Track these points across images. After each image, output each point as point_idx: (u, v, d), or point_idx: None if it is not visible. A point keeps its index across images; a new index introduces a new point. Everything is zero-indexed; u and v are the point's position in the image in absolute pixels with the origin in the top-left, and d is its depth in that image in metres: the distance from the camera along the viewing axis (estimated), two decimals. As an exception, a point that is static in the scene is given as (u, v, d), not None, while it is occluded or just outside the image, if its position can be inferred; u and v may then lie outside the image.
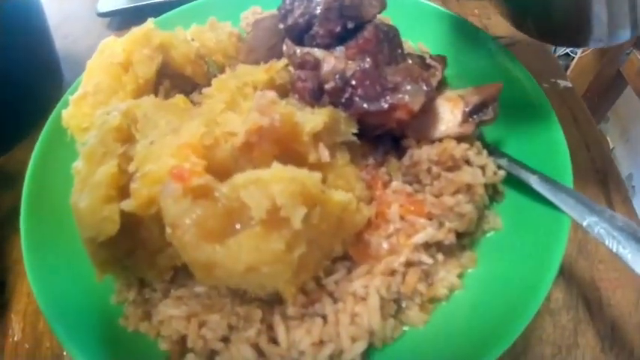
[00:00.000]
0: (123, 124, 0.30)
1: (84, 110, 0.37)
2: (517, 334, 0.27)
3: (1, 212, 0.46)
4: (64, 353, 0.37)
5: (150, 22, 0.38)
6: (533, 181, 0.32)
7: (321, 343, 0.27)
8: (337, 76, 0.28)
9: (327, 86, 0.28)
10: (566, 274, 0.38)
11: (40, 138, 0.40)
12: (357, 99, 0.28)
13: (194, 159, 0.24)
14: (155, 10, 0.56)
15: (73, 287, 0.33)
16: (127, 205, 0.25)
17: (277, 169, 0.22)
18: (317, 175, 0.23)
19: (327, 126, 0.28)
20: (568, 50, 1.41)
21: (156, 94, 0.37)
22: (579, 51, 1.30)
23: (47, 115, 0.51)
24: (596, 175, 0.44)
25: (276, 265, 0.23)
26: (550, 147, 0.34)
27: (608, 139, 1.25)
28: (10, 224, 0.45)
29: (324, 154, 0.27)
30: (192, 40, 0.40)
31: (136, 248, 0.30)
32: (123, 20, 0.61)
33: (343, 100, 0.29)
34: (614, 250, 0.28)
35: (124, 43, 0.37)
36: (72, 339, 0.29)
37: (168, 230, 0.25)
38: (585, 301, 0.37)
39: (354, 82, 0.29)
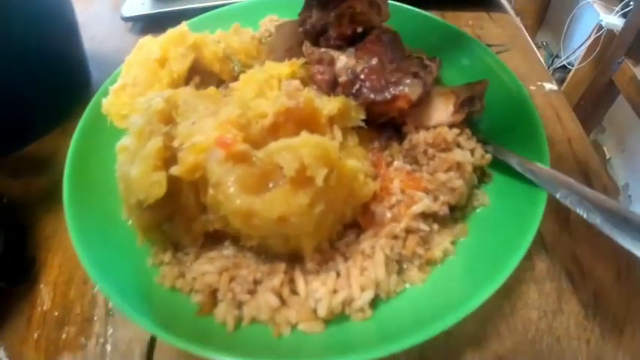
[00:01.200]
0: (166, 108, 0.37)
1: (123, 99, 0.44)
2: (499, 284, 0.33)
3: (32, 195, 0.53)
4: (95, 318, 0.42)
5: (184, 25, 0.46)
6: (515, 163, 0.39)
7: (335, 291, 0.33)
8: (349, 72, 0.36)
9: (340, 79, 0.36)
10: (550, 250, 0.44)
11: (81, 122, 0.47)
12: (365, 90, 0.36)
13: (234, 131, 0.31)
14: (177, 17, 0.64)
15: (113, 253, 0.39)
16: (176, 169, 0.32)
17: (305, 136, 0.30)
18: (335, 143, 0.30)
19: (340, 111, 0.36)
20: (565, 62, 1.52)
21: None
22: (576, 63, 1.41)
23: (76, 107, 0.59)
24: (578, 166, 0.52)
25: (301, 217, 0.30)
26: (530, 135, 0.42)
27: (605, 149, 1.34)
28: (41, 205, 0.51)
29: (338, 135, 0.35)
30: (219, 42, 0.48)
31: (174, 215, 0.37)
32: (145, 24, 0.69)
33: (354, 91, 0.37)
34: (585, 216, 0.35)
35: (161, 42, 0.45)
36: (118, 294, 0.35)
37: (210, 191, 0.32)
38: (568, 273, 0.43)
39: (362, 77, 0.37)
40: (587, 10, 1.48)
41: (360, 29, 0.40)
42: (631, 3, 1.31)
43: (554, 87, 0.58)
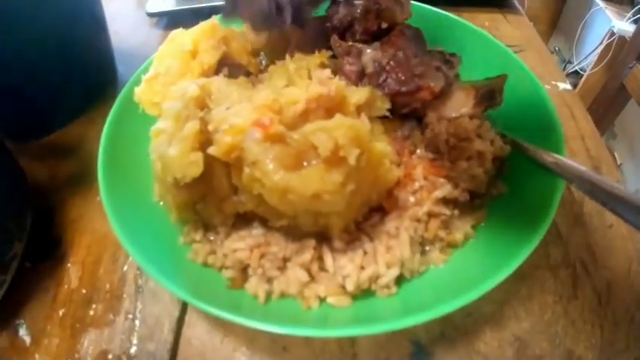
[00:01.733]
0: (201, 95, 0.41)
1: (155, 88, 0.48)
2: (513, 268, 0.36)
3: (59, 178, 0.56)
4: (124, 295, 0.45)
5: (214, 18, 0.50)
6: (532, 153, 0.42)
7: (362, 268, 0.36)
8: (375, 64, 0.39)
9: (367, 71, 0.39)
10: (564, 240, 0.47)
11: (114, 108, 0.49)
12: (390, 81, 0.39)
13: (270, 114, 0.35)
14: (200, 13, 0.68)
15: (147, 231, 0.42)
16: (213, 150, 0.36)
17: (339, 118, 0.33)
18: (367, 126, 0.34)
19: (368, 101, 0.39)
20: (577, 68, 1.56)
21: (216, 78, 0.48)
22: (588, 69, 1.44)
23: (102, 97, 0.62)
24: (591, 162, 0.55)
25: (334, 195, 0.32)
26: (547, 127, 0.45)
27: (616, 155, 1.37)
28: (67, 189, 0.54)
29: (366, 122, 0.38)
30: (246, 36, 0.52)
31: (207, 195, 0.40)
32: (169, 20, 0.73)
33: (380, 82, 0.40)
34: (600, 204, 0.37)
35: (193, 34, 0.48)
36: (153, 266, 0.38)
37: (246, 170, 0.35)
38: (582, 262, 0.45)
39: (388, 69, 0.40)
40: (600, 17, 1.52)
41: (384, 25, 0.44)
42: (643, 10, 1.35)
43: (568, 87, 0.61)
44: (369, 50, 0.40)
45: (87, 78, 0.61)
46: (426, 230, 0.39)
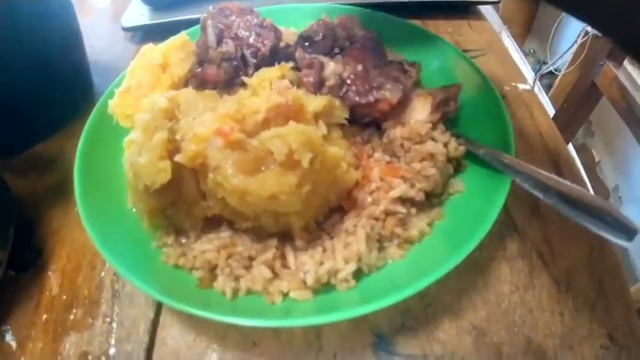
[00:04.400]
0: (169, 107, 0.44)
1: (127, 101, 0.51)
2: (467, 252, 0.39)
3: (40, 191, 0.58)
4: (102, 300, 0.48)
5: (183, 34, 0.53)
6: (482, 153, 0.46)
7: (321, 264, 0.40)
8: (336, 77, 0.43)
9: (328, 83, 0.43)
10: (520, 232, 0.50)
11: (89, 122, 0.53)
12: (350, 94, 0.43)
13: (232, 123, 0.38)
14: (175, 27, 0.72)
15: (121, 237, 0.45)
16: (179, 157, 0.39)
17: (292, 125, 0.36)
18: (319, 131, 0.37)
19: (325, 109, 0.43)
20: (552, 69, 1.62)
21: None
22: (563, 69, 1.50)
23: (79, 111, 0.65)
24: (549, 156, 0.58)
25: (290, 196, 0.36)
26: (498, 128, 0.49)
27: (594, 152, 1.42)
28: (48, 201, 0.57)
29: (323, 128, 0.42)
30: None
31: (177, 201, 0.43)
32: (144, 34, 0.76)
33: (340, 94, 0.44)
34: (542, 197, 0.41)
35: (163, 49, 0.52)
36: (127, 270, 0.40)
37: (210, 175, 0.38)
38: (538, 252, 0.47)
39: (348, 82, 0.43)
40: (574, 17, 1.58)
41: (344, 43, 0.48)
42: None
43: (527, 87, 0.65)
44: (330, 63, 0.44)
45: (64, 92, 0.64)
46: (383, 227, 0.43)
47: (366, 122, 0.48)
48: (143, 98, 0.50)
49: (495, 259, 0.48)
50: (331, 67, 0.43)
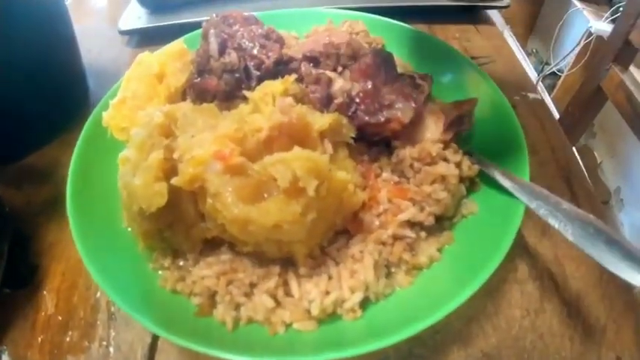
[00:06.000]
0: (165, 122, 0.41)
1: (122, 113, 0.47)
2: (476, 287, 0.36)
3: (34, 204, 0.55)
4: (98, 322, 0.45)
5: (181, 41, 0.49)
6: (496, 175, 0.43)
7: (327, 293, 0.37)
8: (345, 94, 0.39)
9: (337, 101, 0.39)
10: (532, 252, 0.47)
11: (82, 135, 0.50)
12: (360, 113, 0.40)
13: (231, 145, 0.34)
14: (172, 30, 0.68)
15: (116, 258, 0.42)
16: (176, 180, 0.35)
17: (297, 151, 0.33)
18: (326, 157, 0.34)
19: (332, 127, 0.39)
20: (555, 69, 1.57)
21: (184, 101, 0.48)
22: (566, 69, 1.46)
23: (75, 118, 0.62)
24: (561, 173, 0.55)
25: (294, 225, 0.33)
26: (513, 148, 0.46)
27: (596, 154, 1.39)
28: (43, 215, 0.54)
29: (328, 148, 0.38)
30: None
31: (174, 222, 0.40)
32: (141, 37, 0.72)
33: (349, 114, 0.40)
34: (557, 227, 0.38)
35: (159, 58, 0.48)
36: (121, 297, 0.37)
37: (209, 201, 0.35)
38: (550, 274, 0.45)
39: (357, 100, 0.40)
40: (577, 17, 1.54)
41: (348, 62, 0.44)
42: (620, 9, 1.36)
43: (538, 97, 0.61)
44: (339, 80, 0.40)
45: (59, 99, 0.60)
46: (390, 253, 0.40)
47: (374, 140, 0.45)
48: (139, 110, 0.46)
49: (506, 281, 0.45)
50: (339, 83, 0.40)
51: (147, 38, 0.70)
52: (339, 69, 0.43)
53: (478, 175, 0.45)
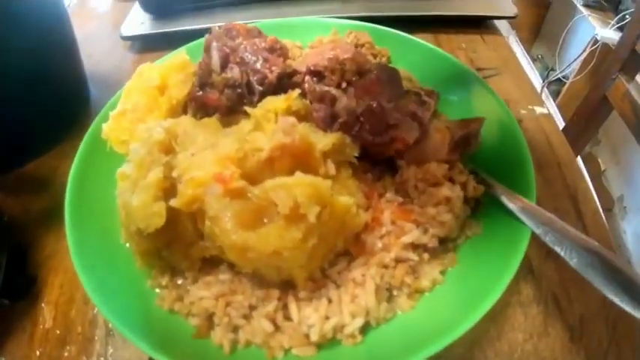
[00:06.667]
0: (166, 139, 0.39)
1: (123, 125, 0.46)
2: (480, 315, 0.35)
3: (32, 214, 0.54)
4: (95, 338, 0.44)
5: (183, 52, 0.48)
6: (501, 196, 0.41)
7: (326, 318, 0.35)
8: (349, 113, 0.38)
9: (341, 120, 0.38)
10: (536, 274, 0.46)
11: (81, 147, 0.48)
12: (364, 133, 0.38)
13: (232, 167, 0.33)
14: (175, 37, 0.66)
15: (113, 275, 0.41)
16: (175, 202, 0.34)
17: (299, 176, 0.32)
18: (328, 182, 0.32)
19: (335, 147, 0.38)
20: (560, 76, 1.55)
21: (185, 114, 0.47)
22: (571, 76, 1.44)
23: (75, 126, 0.61)
24: (566, 190, 0.53)
25: (294, 251, 0.32)
26: (519, 169, 0.44)
27: (600, 161, 1.37)
28: (41, 225, 0.53)
29: (331, 168, 0.37)
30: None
31: (173, 241, 0.39)
32: (144, 43, 0.71)
33: (353, 133, 0.39)
34: (563, 254, 0.37)
35: (161, 69, 0.47)
36: (117, 317, 0.36)
37: (207, 223, 0.34)
38: (554, 296, 0.44)
39: (362, 119, 0.38)
40: (583, 24, 1.51)
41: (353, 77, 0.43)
42: (627, 17, 1.34)
43: (545, 111, 0.60)
44: (343, 98, 0.39)
45: (59, 106, 0.59)
46: (392, 277, 0.38)
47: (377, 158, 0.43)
48: (139, 123, 0.45)
49: (510, 304, 0.44)
50: (343, 102, 0.38)
51: (150, 43, 0.69)
52: (344, 84, 0.42)
53: (483, 194, 0.44)
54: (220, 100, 0.41)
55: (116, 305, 0.38)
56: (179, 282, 0.41)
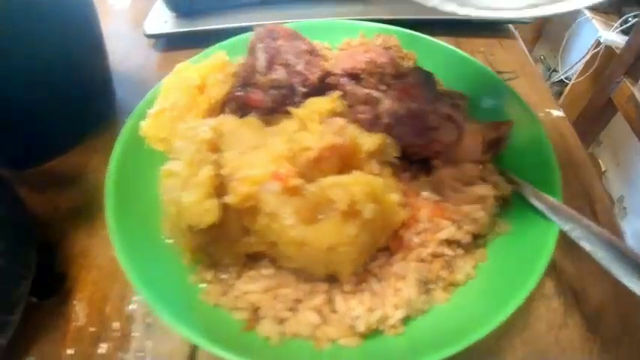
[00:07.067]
0: (213, 137, 0.42)
1: (162, 123, 0.49)
2: (514, 308, 0.39)
3: (61, 210, 0.56)
4: (132, 334, 0.46)
5: (223, 53, 0.51)
6: (529, 195, 0.46)
7: (371, 310, 0.39)
8: (391, 116, 0.41)
9: (383, 121, 0.42)
10: (558, 268, 0.50)
11: (120, 143, 0.50)
12: (406, 134, 0.42)
13: (287, 166, 0.37)
14: (197, 36, 0.69)
15: (157, 269, 0.43)
16: (229, 199, 0.37)
17: (357, 174, 0.35)
18: (381, 180, 0.36)
19: (379, 148, 0.41)
20: (562, 77, 1.62)
21: (223, 113, 0.50)
22: (573, 78, 1.50)
23: (102, 122, 0.63)
24: (582, 190, 0.58)
25: (349, 247, 0.35)
26: (545, 169, 0.48)
27: (600, 162, 1.44)
28: (70, 221, 0.55)
29: (375, 168, 0.41)
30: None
31: (219, 237, 0.42)
32: (168, 41, 0.73)
33: (395, 134, 0.43)
34: (588, 250, 0.41)
35: (200, 69, 0.50)
36: (168, 310, 0.39)
37: (264, 219, 0.37)
38: (573, 290, 0.48)
39: (403, 121, 0.42)
40: (586, 26, 1.58)
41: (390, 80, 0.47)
42: (629, 19, 1.41)
43: (561, 114, 0.65)
44: (386, 100, 0.42)
45: (86, 102, 0.61)
46: (429, 271, 0.42)
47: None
48: (178, 121, 0.48)
49: (534, 297, 0.48)
50: (386, 104, 0.42)
51: (173, 42, 0.71)
52: (382, 87, 0.46)
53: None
54: (264, 100, 0.44)
55: (164, 298, 0.40)
56: (222, 277, 0.44)
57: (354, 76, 0.47)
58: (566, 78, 1.62)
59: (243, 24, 0.66)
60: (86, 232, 0.53)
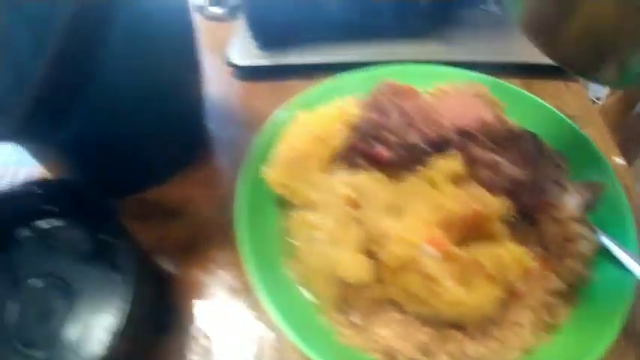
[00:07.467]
0: (352, 194, 0.48)
1: (286, 171, 0.54)
2: (607, 345, 0.47)
3: (166, 242, 0.60)
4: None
5: (342, 103, 0.56)
6: (611, 247, 0.54)
7: (496, 353, 0.47)
8: (512, 181, 0.48)
9: (505, 186, 0.49)
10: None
11: (246, 184, 0.56)
12: (524, 197, 0.50)
13: (439, 232, 0.43)
14: (281, 68, 0.73)
15: (295, 312, 0.50)
16: (384, 257, 0.44)
17: (511, 246, 0.43)
18: (527, 252, 0.44)
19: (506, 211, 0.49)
20: (593, 97, 1.69)
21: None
22: (603, 97, 1.58)
23: (196, 152, 0.67)
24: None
25: (491, 305, 0.42)
26: (621, 220, 0.57)
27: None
28: (179, 254, 0.59)
29: (503, 229, 0.48)
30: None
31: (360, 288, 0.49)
32: (250, 71, 0.75)
33: (513, 196, 0.50)
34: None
35: (321, 118, 0.55)
36: (312, 348, 0.46)
37: (422, 281, 0.43)
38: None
39: (522, 186, 0.49)
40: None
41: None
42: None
43: (623, 162, 0.73)
44: (506, 164, 0.49)
45: (182, 130, 0.64)
46: (538, 317, 0.50)
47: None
48: (300, 169, 0.53)
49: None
50: (507, 169, 0.49)
51: (256, 73, 0.75)
52: (495, 147, 0.53)
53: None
54: (391, 157, 0.50)
55: (308, 338, 0.47)
56: (352, 320, 0.50)
57: (470, 135, 0.53)
58: (597, 98, 1.69)
59: (331, 59, 0.72)
60: (200, 266, 0.58)
